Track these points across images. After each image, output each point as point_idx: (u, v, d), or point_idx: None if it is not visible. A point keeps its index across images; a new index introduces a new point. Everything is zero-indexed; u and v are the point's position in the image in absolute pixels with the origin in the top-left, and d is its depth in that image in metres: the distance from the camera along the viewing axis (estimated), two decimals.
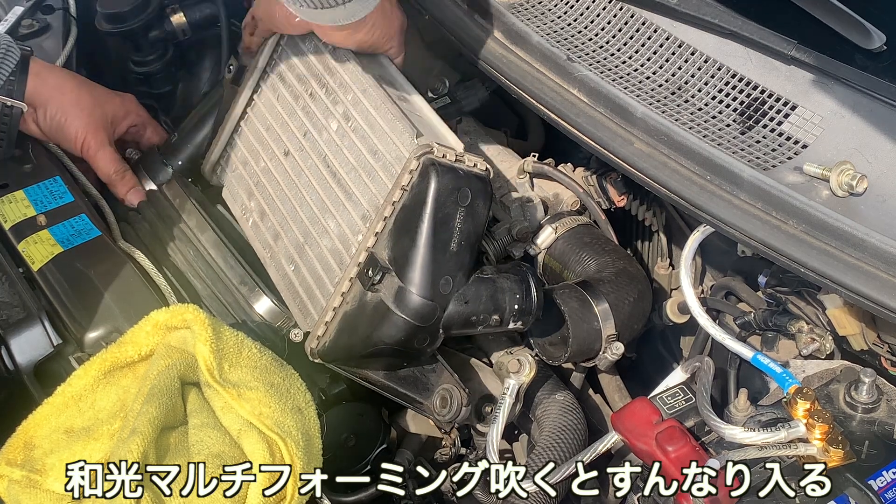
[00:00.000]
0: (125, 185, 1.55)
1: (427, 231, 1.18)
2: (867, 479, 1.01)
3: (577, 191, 1.49)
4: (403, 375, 1.30)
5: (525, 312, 1.23)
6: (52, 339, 1.29)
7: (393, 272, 1.19)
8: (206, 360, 1.13)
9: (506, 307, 1.22)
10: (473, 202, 1.20)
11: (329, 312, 1.26)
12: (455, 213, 1.19)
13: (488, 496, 1.33)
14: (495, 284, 1.23)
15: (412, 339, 1.21)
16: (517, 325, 1.24)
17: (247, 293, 1.36)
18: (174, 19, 1.79)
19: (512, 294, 1.23)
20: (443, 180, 1.18)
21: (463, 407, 1.26)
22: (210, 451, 1.08)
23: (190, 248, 1.43)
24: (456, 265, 1.20)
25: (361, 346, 1.24)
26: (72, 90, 1.55)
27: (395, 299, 1.19)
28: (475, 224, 1.21)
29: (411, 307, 1.18)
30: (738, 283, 1.37)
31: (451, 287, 1.20)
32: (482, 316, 1.22)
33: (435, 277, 1.19)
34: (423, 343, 1.22)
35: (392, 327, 1.20)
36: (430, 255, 1.18)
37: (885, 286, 1.03)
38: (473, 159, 1.22)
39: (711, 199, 1.16)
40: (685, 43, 1.29)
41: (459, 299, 1.20)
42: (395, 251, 1.20)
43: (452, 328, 1.22)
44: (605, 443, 1.17)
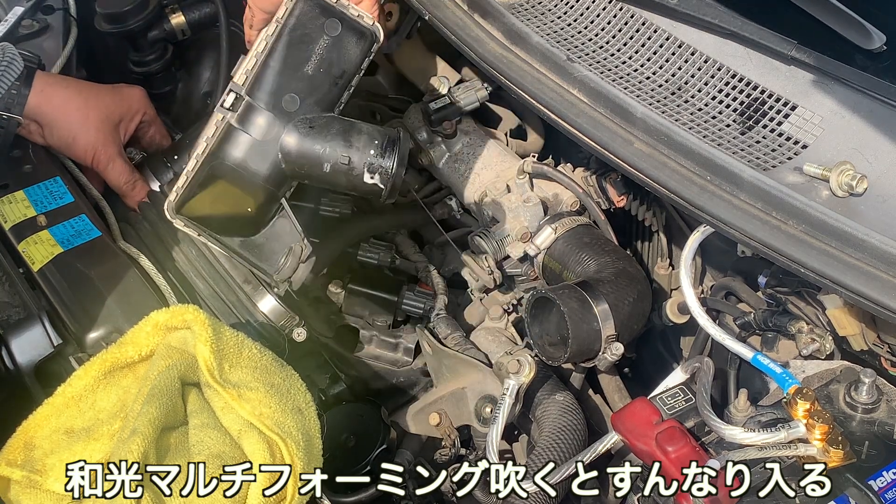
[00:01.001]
0: (136, 196, 1.55)
1: (281, 45, 1.19)
2: (867, 479, 1.01)
3: (577, 191, 1.49)
4: (259, 244, 1.28)
5: (383, 168, 1.20)
6: (53, 340, 1.29)
7: (244, 93, 1.20)
8: (206, 361, 1.13)
9: (359, 149, 1.19)
10: (344, 37, 1.20)
11: (192, 161, 1.24)
12: (318, 37, 1.19)
13: (488, 496, 1.34)
14: (352, 124, 1.21)
15: (248, 158, 1.20)
16: (373, 179, 1.20)
17: (251, 292, 1.36)
18: (173, 19, 1.79)
19: (370, 138, 1.20)
20: (310, 4, 1.19)
21: (301, 262, 1.24)
22: (210, 452, 1.08)
23: (192, 248, 1.43)
24: (308, 87, 1.20)
25: (208, 180, 1.22)
26: (78, 108, 1.54)
27: (239, 116, 1.19)
28: (341, 59, 1.21)
29: (251, 121, 1.19)
30: (738, 284, 1.37)
31: (297, 106, 1.19)
32: (328, 150, 1.19)
33: (279, 91, 1.19)
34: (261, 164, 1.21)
35: (232, 145, 1.20)
36: (278, 67, 1.19)
37: (885, 286, 1.03)
38: (360, 11, 1.22)
39: (711, 200, 1.16)
40: (685, 43, 1.29)
41: (303, 123, 1.19)
42: (256, 79, 1.21)
43: (292, 155, 1.20)
44: (605, 443, 1.17)
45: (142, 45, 1.79)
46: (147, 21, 1.75)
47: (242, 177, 1.22)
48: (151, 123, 1.65)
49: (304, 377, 1.21)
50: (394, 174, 1.21)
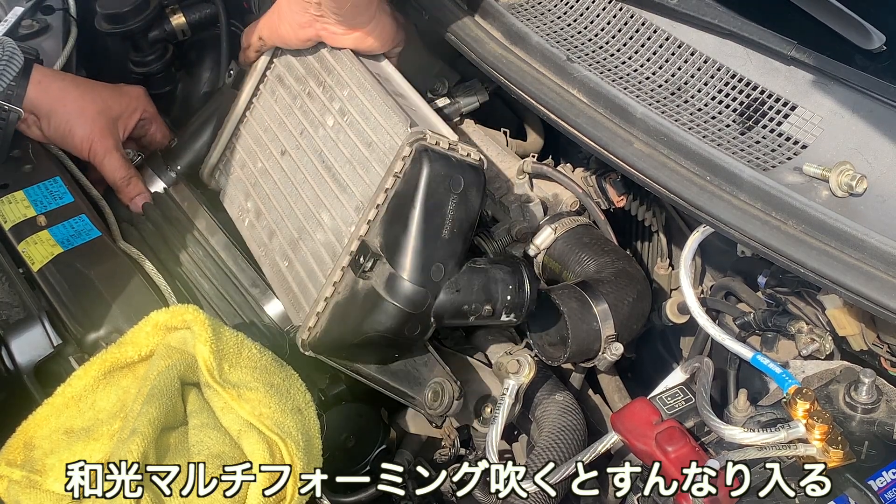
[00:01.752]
0: (132, 191, 1.55)
1: (419, 216, 1.18)
2: (867, 479, 1.01)
3: (577, 191, 1.49)
4: (395, 370, 1.30)
5: (518, 305, 1.23)
6: (52, 340, 1.29)
7: (384, 259, 1.19)
8: (205, 361, 1.14)
9: (498, 297, 1.22)
10: (466, 190, 1.20)
11: (321, 303, 1.25)
12: (447, 199, 1.19)
13: (488, 496, 1.34)
14: (488, 274, 1.22)
15: (403, 327, 1.20)
16: (510, 317, 1.23)
17: (258, 295, 1.36)
18: (174, 20, 1.79)
19: (504, 285, 1.22)
20: (435, 166, 1.18)
21: (455, 400, 1.25)
22: (210, 452, 1.08)
23: (199, 250, 1.44)
24: (448, 252, 1.20)
25: (352, 336, 1.24)
26: (75, 99, 1.54)
27: (385, 286, 1.19)
28: (468, 212, 1.21)
29: (402, 294, 1.18)
30: (737, 284, 1.37)
31: (442, 274, 1.19)
32: (474, 305, 1.21)
33: (426, 264, 1.18)
34: (414, 331, 1.22)
35: (382, 314, 1.20)
36: (421, 241, 1.18)
37: (885, 286, 1.03)
38: (467, 149, 1.22)
39: (711, 200, 1.16)
40: (685, 43, 1.29)
41: (451, 287, 1.20)
42: (387, 238, 1.20)
43: (444, 317, 1.21)
44: (605, 443, 1.17)
45: (142, 45, 1.79)
46: (147, 21, 1.75)
47: (393, 340, 1.23)
48: (152, 121, 1.65)
49: (303, 377, 1.21)
50: (527, 310, 1.24)
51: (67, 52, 1.72)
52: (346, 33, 1.36)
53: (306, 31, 1.37)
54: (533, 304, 1.24)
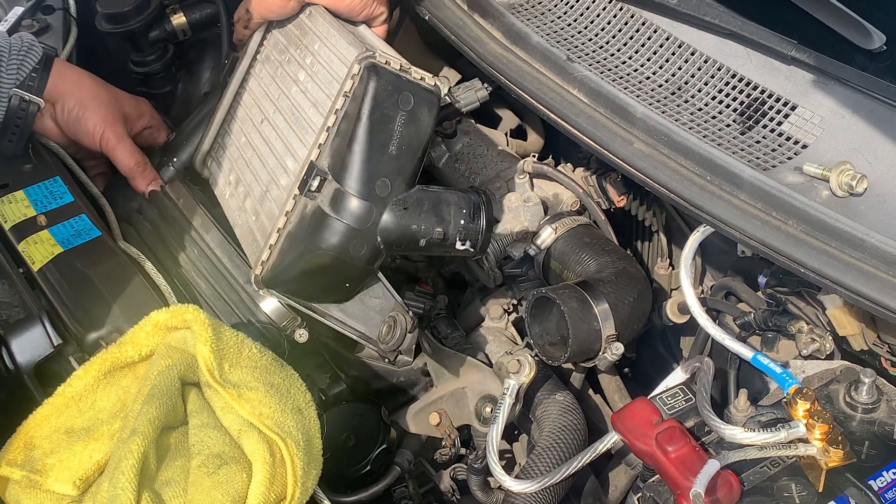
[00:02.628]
0: (146, 178, 1.54)
1: (363, 129, 1.17)
2: (867, 479, 1.01)
3: (577, 191, 1.49)
4: (351, 310, 1.28)
5: (473, 232, 1.21)
6: (52, 339, 1.29)
7: (331, 177, 1.19)
8: (206, 361, 1.13)
9: (450, 221, 1.20)
10: (416, 109, 1.19)
11: (273, 235, 1.24)
12: (395, 115, 1.18)
13: (489, 496, 1.34)
14: (440, 196, 1.21)
15: (348, 245, 1.20)
16: (465, 245, 1.21)
17: (253, 293, 1.36)
18: (174, 20, 1.79)
19: (458, 208, 1.21)
20: (382, 81, 1.17)
21: (408, 333, 1.24)
22: (210, 452, 1.08)
23: (194, 248, 1.43)
24: (395, 169, 1.19)
25: (300, 260, 1.22)
26: (90, 86, 1.55)
27: (331, 203, 1.18)
28: (418, 131, 1.20)
29: (346, 208, 1.18)
30: (738, 284, 1.37)
31: (389, 190, 1.19)
32: (423, 227, 1.20)
33: (371, 177, 1.18)
34: (360, 251, 1.21)
35: (328, 232, 1.19)
36: (365, 154, 1.18)
37: (885, 286, 1.03)
38: (422, 73, 1.21)
39: (711, 200, 1.16)
40: (685, 43, 1.29)
41: (398, 205, 1.19)
42: (335, 158, 1.19)
43: (391, 237, 1.20)
44: (605, 443, 1.17)
45: (142, 45, 1.79)
46: (148, 21, 1.75)
47: (341, 261, 1.22)
48: (160, 129, 1.66)
49: (304, 377, 1.21)
50: (483, 235, 1.22)
51: (67, 52, 1.72)
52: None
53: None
54: (489, 234, 1.22)
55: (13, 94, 1.46)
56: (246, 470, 1.07)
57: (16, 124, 1.48)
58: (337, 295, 1.28)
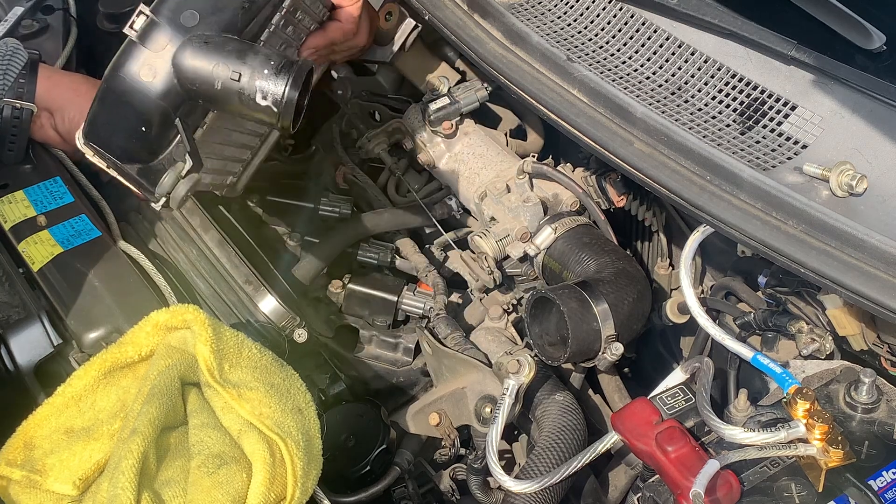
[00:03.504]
0: None
1: None
2: (867, 479, 1.02)
3: (577, 191, 1.49)
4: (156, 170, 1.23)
5: (274, 92, 1.15)
6: (52, 339, 1.29)
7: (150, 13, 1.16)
8: (206, 361, 1.13)
9: (252, 68, 1.15)
10: None
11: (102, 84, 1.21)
12: None
13: (488, 496, 1.34)
14: (251, 46, 1.18)
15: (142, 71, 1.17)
16: (266, 101, 1.15)
17: (252, 292, 1.36)
18: None
19: (265, 59, 1.16)
20: None
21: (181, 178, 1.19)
22: (210, 452, 1.08)
23: (193, 248, 1.43)
24: (210, 5, 1.17)
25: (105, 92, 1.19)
26: (87, 91, 1.54)
27: (140, 33, 1.16)
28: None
29: (148, 34, 1.15)
30: (737, 284, 1.37)
31: (195, 22, 1.16)
32: (220, 66, 1.15)
33: (179, 5, 1.16)
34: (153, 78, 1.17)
35: (128, 58, 1.17)
36: None
37: (885, 286, 1.03)
38: None
39: (711, 200, 1.16)
40: (685, 43, 1.29)
41: (199, 38, 1.16)
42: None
43: (186, 71, 1.16)
44: (605, 443, 1.17)
45: None
46: None
47: (137, 92, 1.18)
48: None
49: (304, 377, 1.21)
50: (285, 98, 1.15)
51: (67, 52, 1.72)
52: None
53: None
54: (294, 98, 1.15)
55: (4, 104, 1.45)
56: (246, 470, 1.07)
57: (13, 133, 1.48)
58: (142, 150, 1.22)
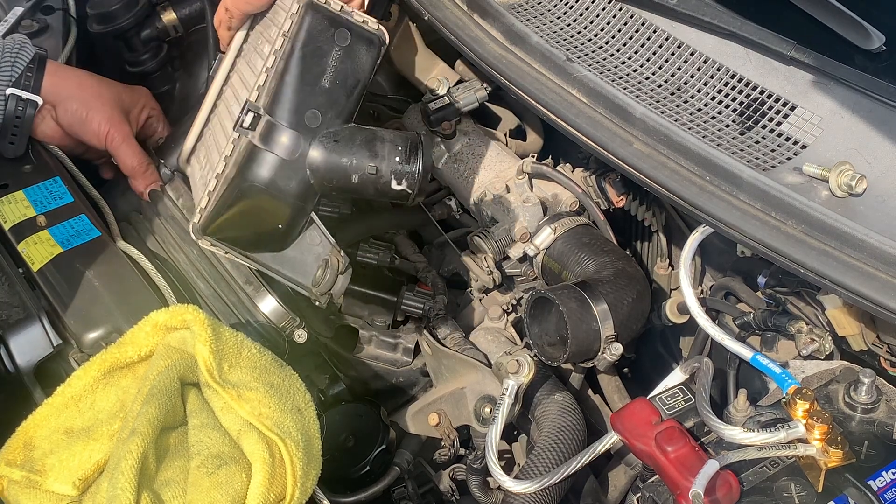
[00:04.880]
0: (146, 179, 1.54)
1: (295, 61, 1.18)
2: (866, 479, 1.02)
3: (576, 191, 1.49)
4: (288, 257, 1.28)
5: (410, 173, 1.20)
6: (52, 340, 1.29)
7: (263, 112, 1.18)
8: (205, 361, 1.13)
9: (384, 157, 1.19)
10: (354, 46, 1.20)
11: (212, 181, 1.23)
12: (330, 49, 1.19)
13: (488, 496, 1.34)
14: (375, 134, 1.21)
15: (277, 178, 1.19)
16: (402, 186, 1.20)
17: (252, 293, 1.36)
18: (164, 16, 1.79)
19: (393, 146, 1.20)
20: (317, 16, 1.18)
21: (339, 274, 1.23)
22: (210, 452, 1.08)
23: (194, 248, 1.43)
24: (327, 101, 1.19)
25: (234, 199, 1.21)
26: (91, 85, 1.56)
27: (261, 135, 1.18)
28: (355, 69, 1.20)
29: (275, 139, 1.18)
30: (737, 284, 1.37)
31: (319, 122, 1.19)
32: (355, 161, 1.19)
33: (300, 108, 1.18)
34: (290, 183, 1.20)
35: (257, 165, 1.19)
36: (297, 84, 1.18)
37: (885, 286, 1.03)
38: (366, 17, 1.22)
39: (711, 200, 1.16)
40: (684, 43, 1.29)
41: (328, 137, 1.19)
42: (270, 95, 1.19)
43: (321, 170, 1.19)
44: (605, 443, 1.17)
45: (135, 44, 1.79)
46: (137, 19, 1.75)
47: (272, 196, 1.21)
48: (159, 120, 1.66)
49: (303, 377, 1.21)
50: (420, 177, 1.21)
51: (67, 52, 1.72)
52: None
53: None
54: (427, 175, 1.21)
55: (10, 95, 1.46)
56: (245, 470, 1.07)
57: (15, 125, 1.48)
58: (273, 242, 1.26)
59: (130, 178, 1.55)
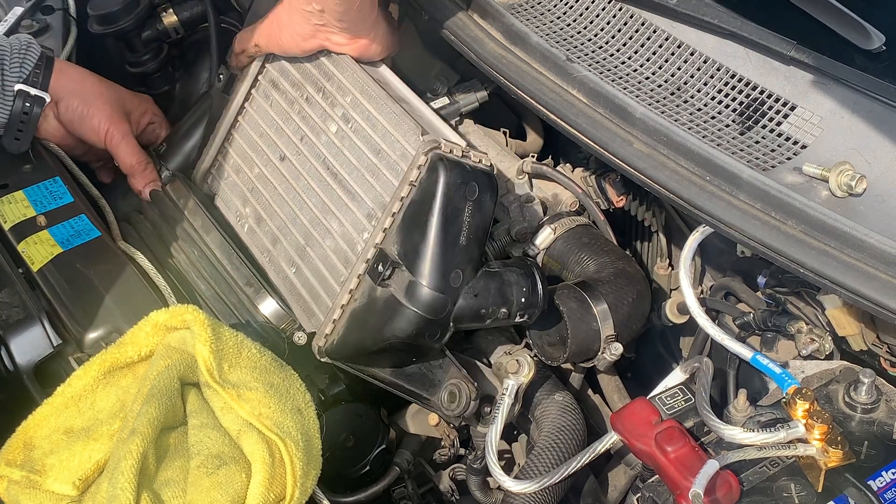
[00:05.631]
0: (145, 178, 1.55)
1: (437, 225, 1.19)
2: (866, 479, 1.02)
3: (576, 191, 1.49)
4: (410, 372, 1.31)
5: (531, 305, 1.25)
6: (52, 340, 1.29)
7: (403, 267, 1.21)
8: (205, 361, 1.14)
9: (513, 300, 1.24)
10: (481, 196, 1.22)
11: (337, 310, 1.27)
12: (464, 207, 1.21)
13: (488, 496, 1.34)
14: (503, 278, 1.24)
15: (423, 333, 1.22)
16: (523, 318, 1.26)
17: (252, 294, 1.36)
18: (165, 18, 1.79)
19: (519, 287, 1.24)
20: (451, 174, 1.20)
21: (472, 401, 1.26)
22: (210, 452, 1.08)
23: (194, 249, 1.43)
24: (465, 259, 1.22)
25: (371, 343, 1.25)
26: (93, 84, 1.57)
27: (406, 293, 1.20)
28: (483, 218, 1.23)
29: (423, 300, 1.20)
30: (737, 284, 1.37)
31: (461, 280, 1.21)
32: (490, 309, 1.23)
33: (446, 270, 1.20)
34: (434, 337, 1.23)
35: (403, 321, 1.21)
36: (440, 248, 1.20)
37: (885, 286, 1.03)
38: (479, 155, 1.24)
39: (711, 200, 1.16)
40: (684, 43, 1.29)
41: (469, 293, 1.22)
42: (405, 246, 1.21)
43: (462, 321, 1.23)
44: (605, 443, 1.17)
45: (136, 45, 1.79)
46: (138, 20, 1.75)
47: (414, 346, 1.24)
48: (161, 126, 1.67)
49: (303, 377, 1.21)
50: (539, 309, 1.26)
51: (67, 52, 1.73)
52: (350, 42, 1.36)
53: (309, 42, 1.37)
54: (545, 305, 1.26)
55: (19, 91, 1.47)
56: (245, 470, 1.07)
57: (21, 121, 1.49)
58: (400, 366, 1.31)
59: (129, 176, 1.55)
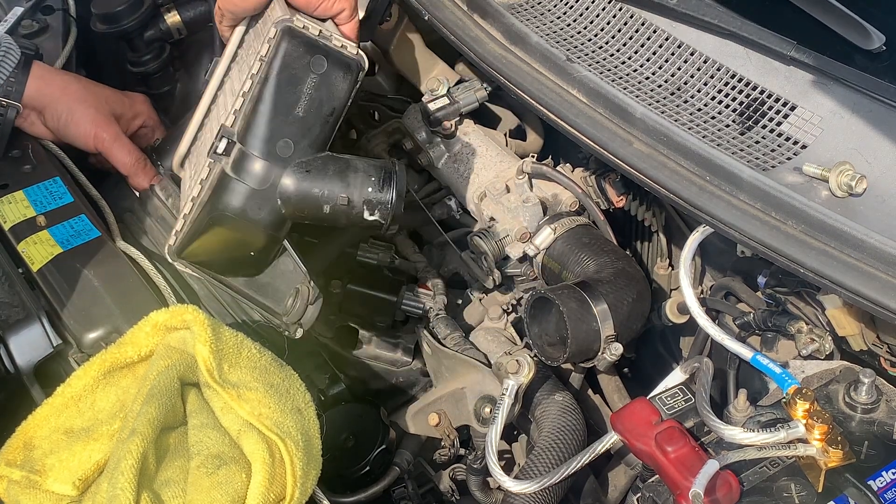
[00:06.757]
0: (147, 175, 1.53)
1: (269, 90, 1.17)
2: (867, 479, 1.02)
3: (576, 191, 1.49)
4: (261, 283, 1.27)
5: (382, 203, 1.19)
6: (52, 340, 1.29)
7: (236, 139, 1.18)
8: (205, 361, 1.13)
9: (356, 187, 1.18)
10: (331, 73, 1.18)
11: (188, 204, 1.23)
12: (305, 77, 1.17)
13: (488, 496, 1.34)
14: (348, 163, 1.20)
15: (247, 207, 1.18)
16: (374, 216, 1.19)
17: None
18: (168, 18, 1.79)
19: (366, 176, 1.19)
20: (293, 42, 1.16)
21: (309, 304, 1.22)
22: (210, 452, 1.08)
23: None
24: (300, 130, 1.18)
25: (206, 225, 1.21)
26: (76, 90, 1.55)
27: (233, 164, 1.17)
28: (330, 96, 1.19)
29: (246, 169, 1.17)
30: (737, 284, 1.37)
31: (291, 151, 1.18)
32: (326, 191, 1.18)
33: (272, 137, 1.17)
34: (260, 213, 1.20)
35: (228, 193, 1.18)
36: (269, 114, 1.17)
37: (885, 287, 1.03)
38: (345, 41, 1.20)
39: (711, 200, 1.16)
40: (684, 43, 1.29)
41: (300, 167, 1.18)
42: (244, 120, 1.18)
43: (292, 200, 1.19)
44: (605, 443, 1.17)
45: (138, 45, 1.79)
46: (142, 20, 1.75)
47: (242, 225, 1.21)
48: (154, 130, 1.65)
49: (303, 377, 1.21)
50: (393, 208, 1.20)
51: (67, 52, 1.72)
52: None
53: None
54: (400, 205, 1.20)
55: None
56: (245, 470, 1.07)
57: None
58: (246, 268, 1.26)
59: (129, 176, 1.54)
